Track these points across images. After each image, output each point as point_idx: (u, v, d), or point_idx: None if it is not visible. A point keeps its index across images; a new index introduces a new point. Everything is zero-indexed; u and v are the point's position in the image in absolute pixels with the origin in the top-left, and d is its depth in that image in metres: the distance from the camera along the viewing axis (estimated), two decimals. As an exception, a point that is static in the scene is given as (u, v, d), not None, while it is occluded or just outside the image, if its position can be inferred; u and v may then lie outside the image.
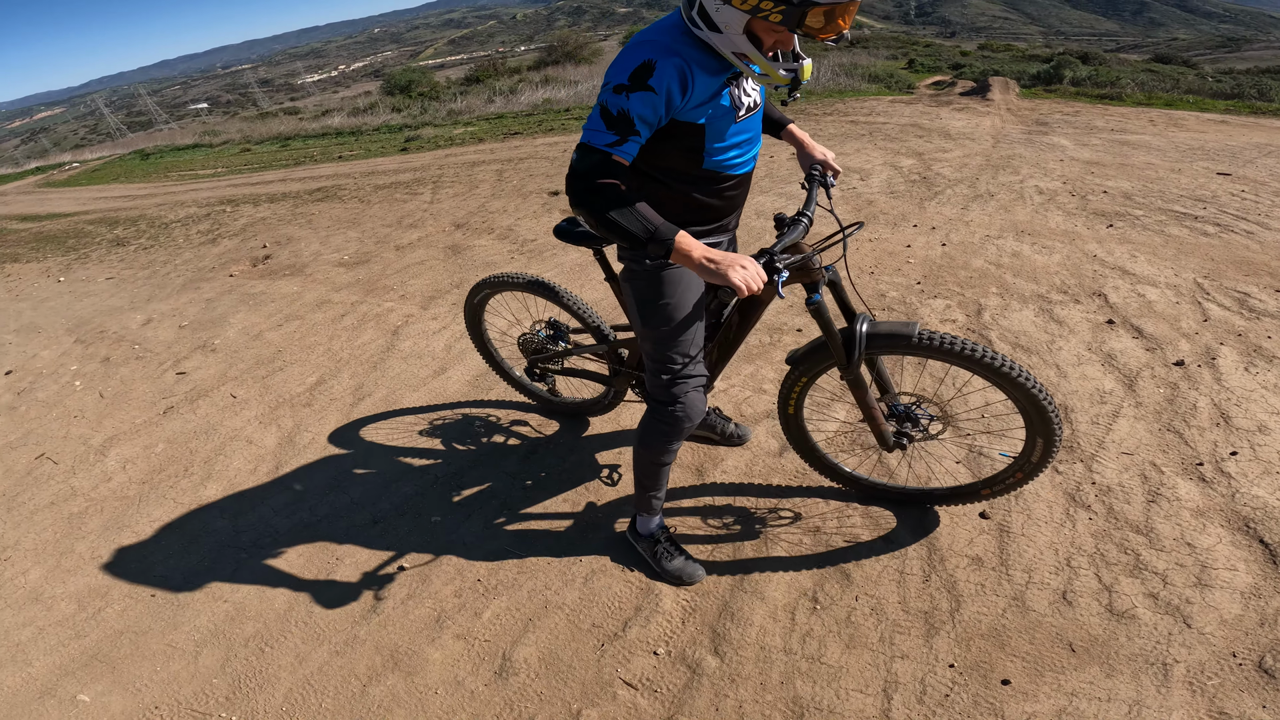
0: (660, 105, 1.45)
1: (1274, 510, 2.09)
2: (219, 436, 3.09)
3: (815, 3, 1.33)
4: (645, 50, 1.46)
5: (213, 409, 3.33)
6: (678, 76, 1.45)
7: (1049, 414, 1.74)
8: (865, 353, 1.79)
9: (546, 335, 2.54)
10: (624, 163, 1.48)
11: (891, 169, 6.29)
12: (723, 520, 2.26)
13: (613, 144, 1.45)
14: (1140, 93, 12.78)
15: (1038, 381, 1.73)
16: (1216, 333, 3.06)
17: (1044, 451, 1.83)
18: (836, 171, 1.92)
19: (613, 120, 1.45)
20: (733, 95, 1.58)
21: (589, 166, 1.46)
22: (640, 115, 1.45)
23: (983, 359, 1.70)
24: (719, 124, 1.58)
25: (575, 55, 26.14)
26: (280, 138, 17.71)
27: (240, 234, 6.70)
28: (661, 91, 1.44)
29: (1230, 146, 7.49)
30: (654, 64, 1.43)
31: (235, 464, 2.88)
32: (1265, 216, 4.65)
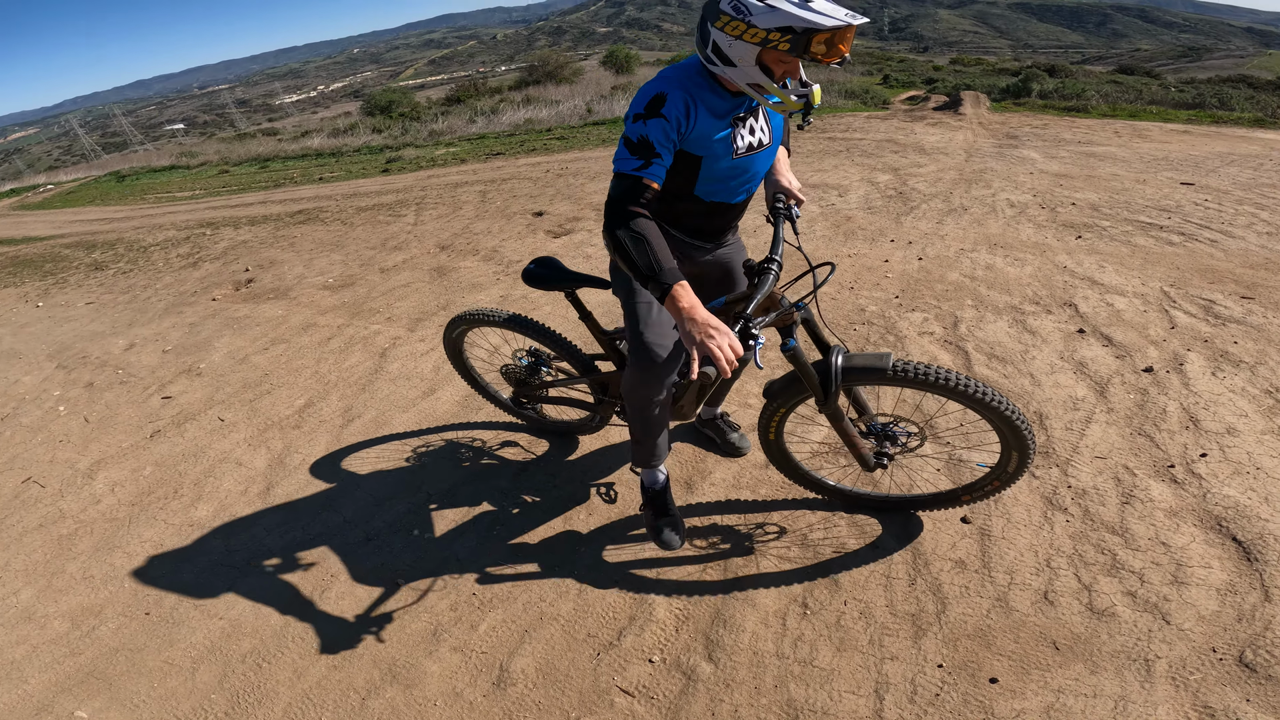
0: (672, 131, 1.61)
1: (1245, 509, 2.16)
2: (208, 459, 3.09)
3: (818, 29, 1.45)
4: (659, 84, 1.65)
5: (200, 432, 3.32)
6: (683, 107, 1.62)
7: (1022, 431, 1.80)
8: (841, 386, 1.82)
9: (528, 364, 2.56)
10: (653, 185, 1.60)
11: (869, 185, 6.44)
12: (712, 531, 2.30)
13: (639, 168, 1.59)
14: (1105, 104, 13.18)
15: (1009, 402, 1.78)
16: (1183, 339, 3.17)
17: (1019, 463, 1.90)
18: (800, 201, 1.93)
19: (635, 147, 1.60)
20: (733, 135, 1.73)
21: (622, 191, 1.59)
22: (658, 140, 1.60)
23: (955, 386, 1.75)
24: (714, 161, 1.73)
25: (556, 75, 26.35)
26: (259, 159, 17.62)
27: (221, 257, 6.66)
28: (673, 119, 1.61)
29: (1193, 156, 7.75)
30: (666, 95, 1.61)
31: (225, 485, 2.88)
32: (1228, 225, 4.83)
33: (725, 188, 1.82)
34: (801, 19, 1.45)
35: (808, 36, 1.46)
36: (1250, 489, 2.25)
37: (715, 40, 1.58)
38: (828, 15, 1.46)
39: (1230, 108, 13.28)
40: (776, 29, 1.48)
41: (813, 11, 1.46)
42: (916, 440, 2.02)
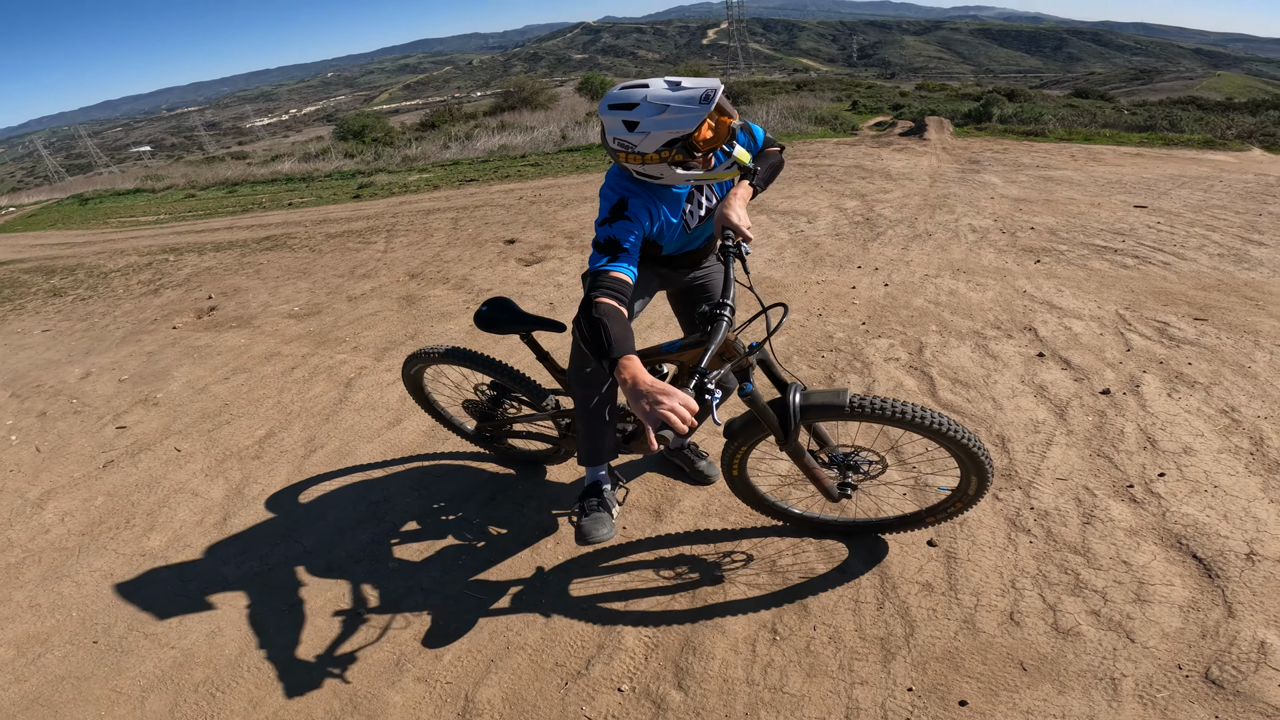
0: (637, 227, 1.75)
1: (1205, 526, 2.21)
2: (162, 489, 3.03)
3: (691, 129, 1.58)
4: (617, 192, 1.80)
5: (155, 462, 3.26)
6: (645, 210, 1.78)
7: (978, 456, 1.84)
8: (800, 423, 1.82)
9: (490, 398, 2.56)
10: (622, 277, 1.69)
11: (837, 211, 6.55)
12: (681, 559, 2.29)
13: (606, 263, 1.70)
14: (1062, 128, 13.62)
15: (964, 430, 1.82)
16: (1139, 361, 3.26)
17: (978, 486, 1.94)
18: (749, 239, 1.91)
19: (603, 246, 1.72)
20: (685, 214, 1.91)
21: (590, 285, 1.69)
22: (623, 237, 1.72)
23: (911, 419, 1.78)
24: (672, 234, 1.92)
25: (531, 101, 26.52)
26: (227, 183, 17.41)
27: (184, 284, 6.54)
28: (636, 218, 1.76)
29: (1145, 179, 8.02)
30: (627, 200, 1.76)
31: (180, 515, 2.84)
32: (1180, 247, 4.99)
33: (684, 244, 2.02)
34: (673, 127, 1.58)
35: (688, 139, 1.60)
36: (1209, 507, 2.30)
37: (629, 169, 1.74)
38: (690, 110, 1.57)
39: (1180, 129, 13.81)
40: (662, 146, 1.62)
41: (682, 115, 1.57)
42: (879, 468, 2.05)
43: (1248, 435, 2.67)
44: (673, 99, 1.57)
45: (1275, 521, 2.23)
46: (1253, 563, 2.07)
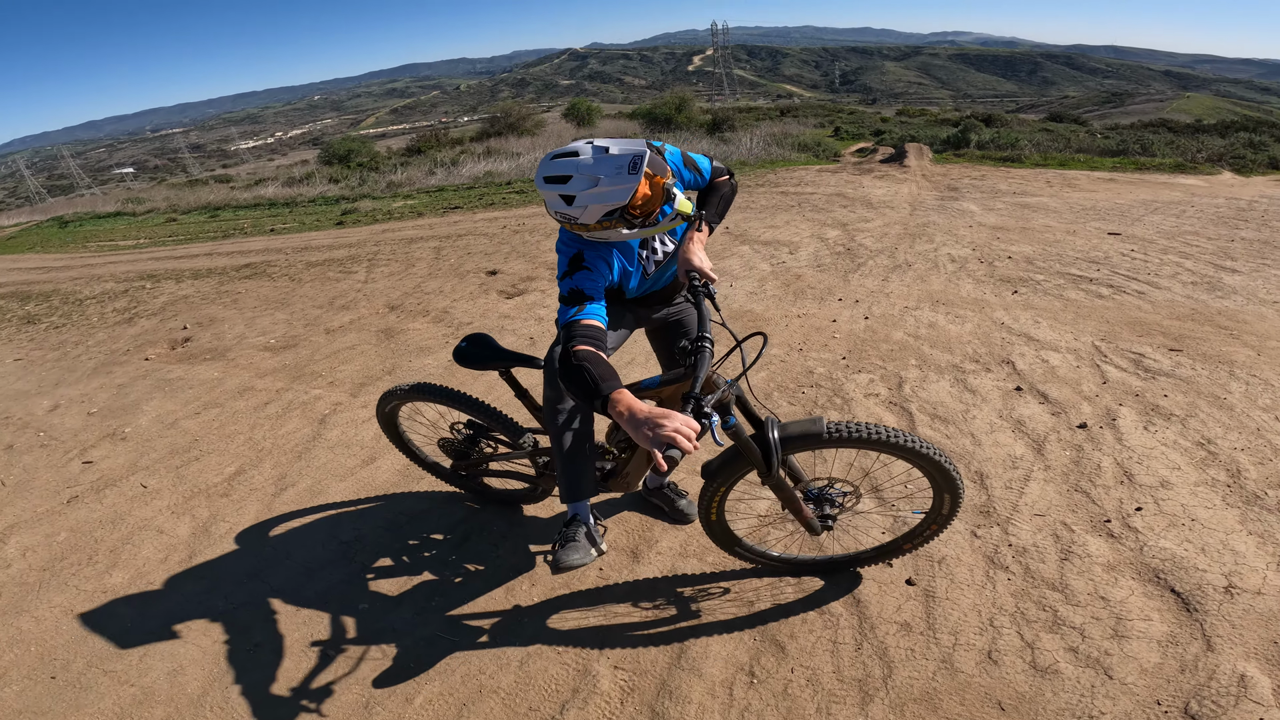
0: (598, 278, 1.79)
1: (1182, 560, 2.22)
2: (127, 526, 2.99)
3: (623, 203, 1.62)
4: (572, 247, 1.83)
5: (120, 499, 3.21)
6: (601, 261, 1.81)
7: (949, 472, 1.87)
8: (782, 455, 1.83)
9: (466, 437, 2.53)
10: (595, 324, 1.71)
11: (819, 241, 6.60)
12: (659, 600, 2.27)
13: (575, 313, 1.72)
14: (1037, 154, 13.91)
15: (933, 446, 1.84)
16: (1115, 394, 3.27)
17: (951, 504, 1.96)
18: (713, 280, 1.94)
19: (568, 299, 1.75)
20: (642, 259, 1.95)
21: (564, 338, 1.70)
22: (587, 287, 1.76)
23: (883, 439, 1.81)
24: (632, 282, 1.96)
25: (518, 127, 26.64)
26: (209, 207, 17.27)
27: (159, 313, 6.44)
28: (595, 269, 1.79)
29: (1119, 205, 8.17)
30: (583, 254, 1.80)
31: (144, 553, 2.78)
32: (1154, 275, 5.07)
33: (645, 288, 2.05)
34: (611, 201, 1.62)
35: (626, 209, 1.64)
36: (1186, 540, 2.31)
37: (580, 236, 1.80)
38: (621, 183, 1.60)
39: (1152, 153, 14.16)
40: (602, 217, 1.66)
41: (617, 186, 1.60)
42: (853, 499, 2.07)
43: (1224, 467, 2.69)
44: (604, 172, 1.60)
45: (1254, 554, 2.24)
46: (1231, 595, 2.08)
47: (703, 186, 2.07)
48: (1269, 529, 2.35)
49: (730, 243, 6.70)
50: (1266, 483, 2.59)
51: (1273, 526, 2.36)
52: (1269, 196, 9.02)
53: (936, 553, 2.32)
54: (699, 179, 2.02)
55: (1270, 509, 2.44)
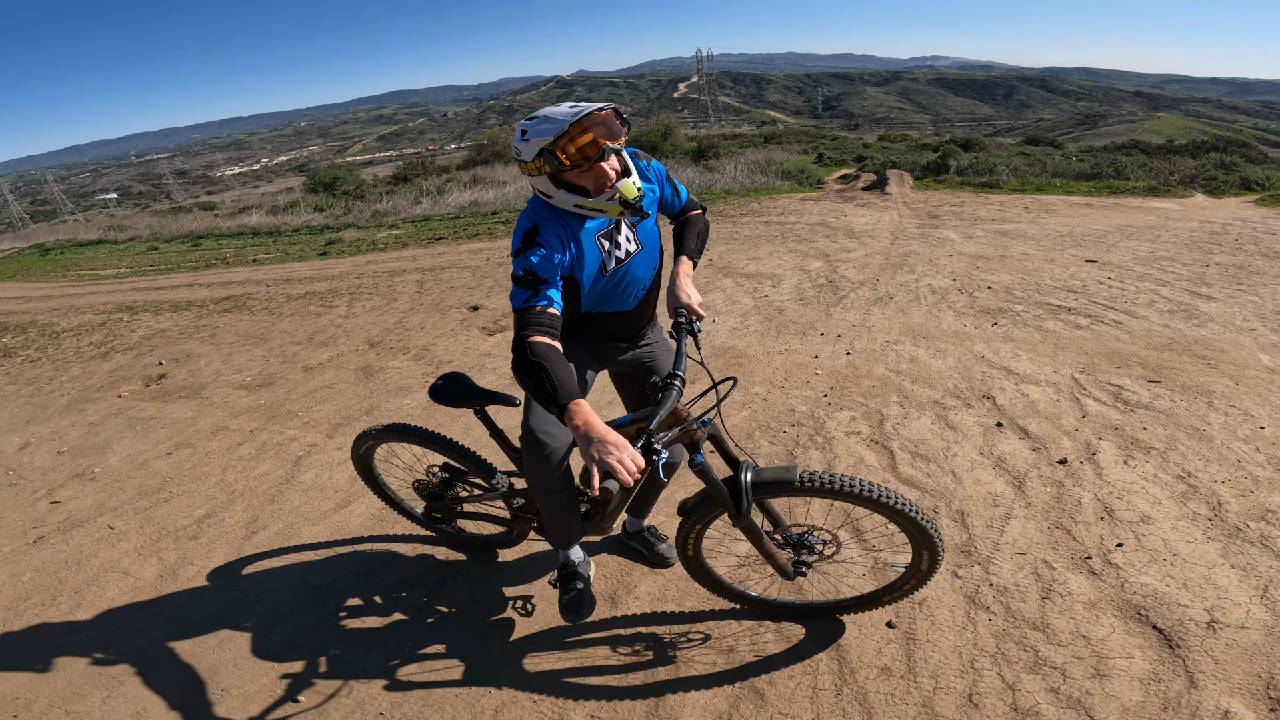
0: (550, 255, 1.70)
1: (1164, 596, 2.21)
2: (92, 567, 2.95)
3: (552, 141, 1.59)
4: (529, 219, 1.76)
5: (87, 540, 3.17)
6: (554, 234, 1.73)
7: (928, 531, 1.84)
8: (753, 500, 1.83)
9: (442, 480, 2.50)
10: (551, 311, 1.66)
11: (801, 273, 6.62)
12: (637, 645, 2.23)
13: (529, 299, 1.66)
14: (1015, 179, 14.16)
15: (912, 504, 1.82)
16: (1095, 428, 3.28)
17: (930, 561, 1.93)
18: (701, 316, 1.96)
19: (522, 280, 1.68)
20: (602, 248, 1.83)
21: (519, 325, 1.66)
22: (540, 267, 1.68)
23: (860, 493, 1.79)
24: (590, 277, 1.84)
25: (504, 155, 26.75)
26: (192, 236, 17.16)
27: (135, 348, 6.35)
28: (550, 246, 1.70)
29: (1095, 231, 8.29)
30: (538, 228, 1.72)
31: (110, 594, 2.75)
32: (1131, 304, 5.12)
33: (611, 297, 1.93)
34: (541, 135, 1.61)
35: (552, 151, 1.61)
36: (1168, 576, 2.31)
37: (530, 184, 1.76)
38: (558, 121, 1.60)
39: (1125, 176, 14.45)
40: (535, 156, 1.64)
41: (549, 126, 1.60)
42: (833, 547, 2.05)
43: (1205, 501, 2.70)
44: (553, 112, 1.62)
45: (1236, 587, 2.24)
46: (1214, 630, 2.08)
47: (677, 210, 2.10)
48: (1252, 562, 2.36)
49: (714, 275, 6.71)
50: (1248, 515, 2.60)
51: (1255, 559, 2.37)
52: (1242, 219, 9.19)
53: (917, 594, 2.29)
54: (676, 201, 2.07)
55: (1252, 542, 2.45)
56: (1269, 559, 2.37)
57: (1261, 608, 2.16)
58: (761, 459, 3.23)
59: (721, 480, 1.86)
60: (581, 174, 1.67)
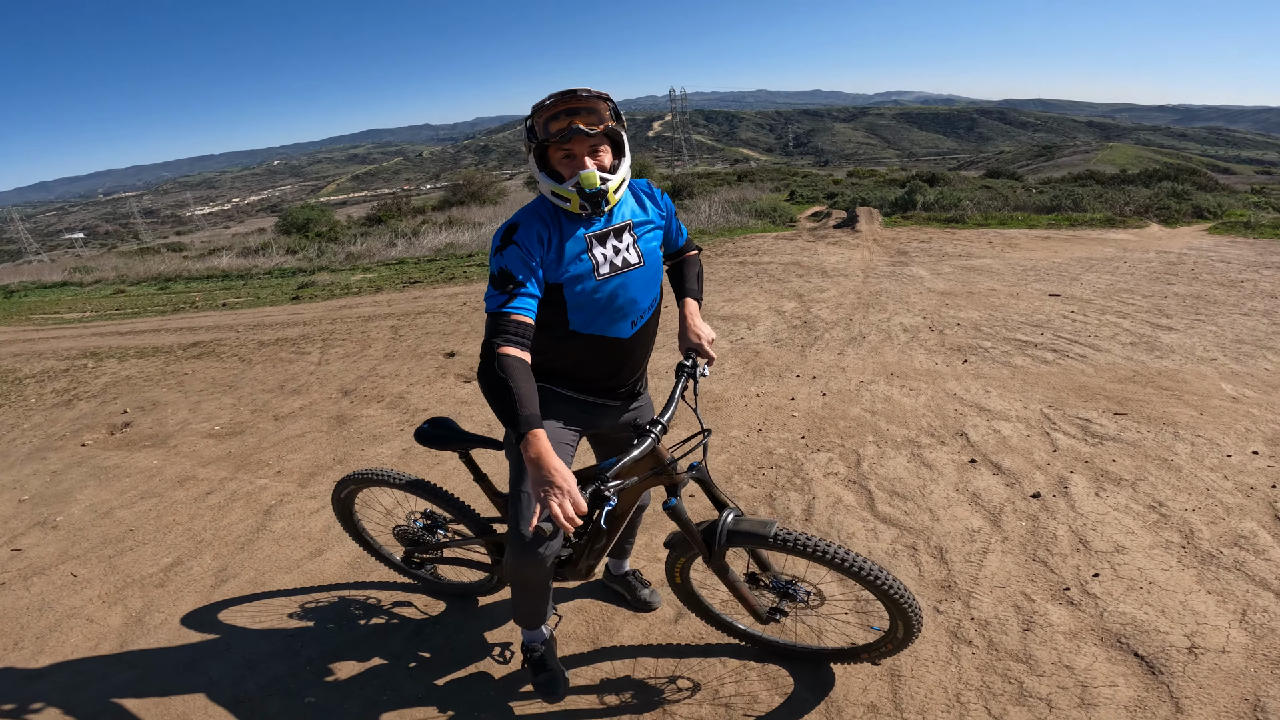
0: (530, 257, 1.65)
1: (1143, 623, 2.24)
2: (54, 614, 2.89)
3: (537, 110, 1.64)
4: (515, 216, 1.73)
5: (49, 587, 3.09)
6: (535, 234, 1.67)
7: (902, 604, 1.84)
8: (726, 546, 1.86)
9: (423, 526, 2.49)
10: (523, 319, 1.62)
11: (776, 314, 6.71)
12: (620, 692, 2.20)
13: (504, 303, 1.61)
14: (979, 213, 14.61)
15: (887, 575, 1.82)
16: (1066, 461, 3.34)
17: (905, 631, 1.92)
18: (710, 358, 1.94)
19: (497, 280, 1.64)
20: (593, 255, 1.73)
21: (490, 332, 1.61)
22: (516, 268, 1.63)
23: (832, 559, 1.79)
24: (577, 284, 1.72)
25: (480, 195, 26.94)
26: (160, 278, 16.91)
27: (100, 395, 6.19)
28: (525, 245, 1.65)
29: (1057, 264, 8.55)
30: (518, 224, 1.68)
31: (73, 640, 2.69)
32: (1094, 337, 5.26)
33: (603, 316, 1.78)
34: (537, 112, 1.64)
35: (530, 126, 1.65)
36: (1146, 603, 2.34)
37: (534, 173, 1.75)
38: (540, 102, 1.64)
39: (1083, 208, 15.03)
40: (528, 134, 1.68)
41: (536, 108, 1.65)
42: (816, 599, 2.05)
43: (1177, 529, 2.75)
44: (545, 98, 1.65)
45: (1214, 612, 2.27)
46: (1195, 656, 2.09)
47: (679, 247, 2.09)
48: (1227, 587, 2.39)
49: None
50: (1220, 541, 2.65)
51: (1230, 584, 2.40)
52: (1196, 248, 9.56)
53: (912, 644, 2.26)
54: (679, 238, 2.07)
55: (1226, 567, 2.49)
56: (1244, 583, 2.41)
57: (1241, 631, 2.18)
58: (741, 502, 3.23)
59: (703, 524, 1.89)
60: (561, 159, 1.66)
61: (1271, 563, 2.51)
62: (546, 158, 1.69)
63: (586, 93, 1.62)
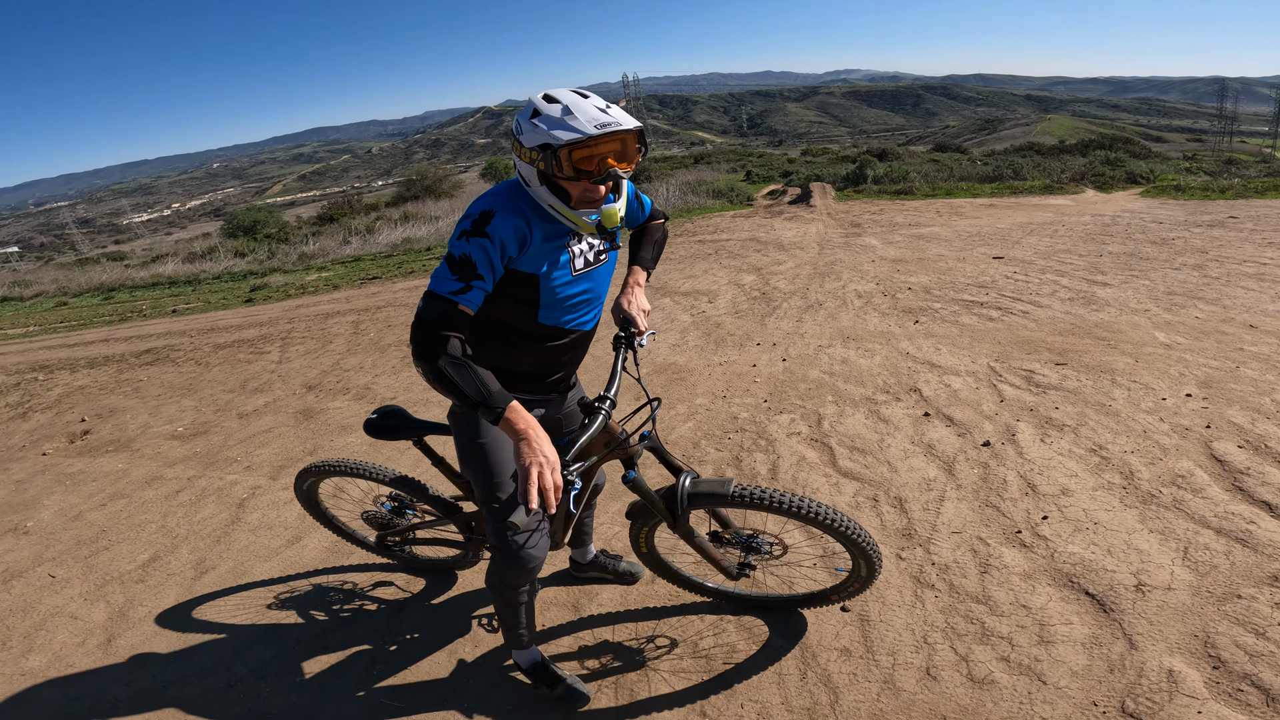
0: (495, 253, 1.51)
1: (1091, 563, 2.34)
2: (38, 614, 2.87)
3: (558, 144, 1.43)
4: (490, 200, 1.56)
5: (29, 589, 3.06)
6: (514, 230, 1.52)
7: (860, 543, 1.89)
8: (688, 509, 1.87)
9: (391, 509, 2.50)
10: (468, 311, 1.51)
11: (736, 288, 6.84)
12: (604, 652, 2.26)
13: (457, 291, 1.49)
14: (926, 185, 15.01)
15: (843, 518, 1.86)
16: (1013, 411, 3.51)
17: (868, 569, 1.98)
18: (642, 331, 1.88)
19: (457, 265, 1.50)
20: (571, 250, 1.65)
21: (434, 315, 1.48)
22: (480, 260, 1.50)
23: (790, 508, 1.82)
24: (552, 278, 1.63)
25: (435, 189, 26.43)
26: (103, 289, 16.26)
27: (55, 406, 6.00)
28: (496, 240, 1.50)
29: (1000, 229, 8.86)
30: (494, 213, 1.51)
31: (60, 638, 2.69)
32: (1035, 295, 5.51)
33: (569, 310, 1.73)
34: (552, 135, 1.44)
35: (555, 152, 1.44)
36: (1092, 544, 2.44)
37: (515, 162, 1.59)
38: (576, 129, 1.43)
39: (1023, 177, 15.59)
40: (536, 147, 1.46)
41: (566, 128, 1.43)
42: (780, 549, 2.08)
43: (1118, 471, 2.88)
44: (579, 110, 1.46)
45: (1157, 550, 2.37)
46: (1143, 593, 2.18)
47: (641, 221, 2.03)
48: (1168, 526, 2.49)
49: (652, 295, 6.85)
50: (1159, 482, 2.76)
51: (1171, 523, 2.51)
52: (1130, 211, 10.00)
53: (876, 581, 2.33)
54: (640, 214, 2.01)
55: (1166, 506, 2.60)
56: (1184, 522, 2.51)
57: (1184, 569, 2.26)
58: (709, 465, 3.33)
59: (663, 489, 1.89)
60: (573, 184, 1.52)
61: (1209, 501, 2.61)
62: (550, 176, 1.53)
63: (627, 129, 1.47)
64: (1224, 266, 6.01)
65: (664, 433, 3.71)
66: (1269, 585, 2.16)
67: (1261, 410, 3.26)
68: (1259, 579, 2.19)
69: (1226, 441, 3.02)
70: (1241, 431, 3.09)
